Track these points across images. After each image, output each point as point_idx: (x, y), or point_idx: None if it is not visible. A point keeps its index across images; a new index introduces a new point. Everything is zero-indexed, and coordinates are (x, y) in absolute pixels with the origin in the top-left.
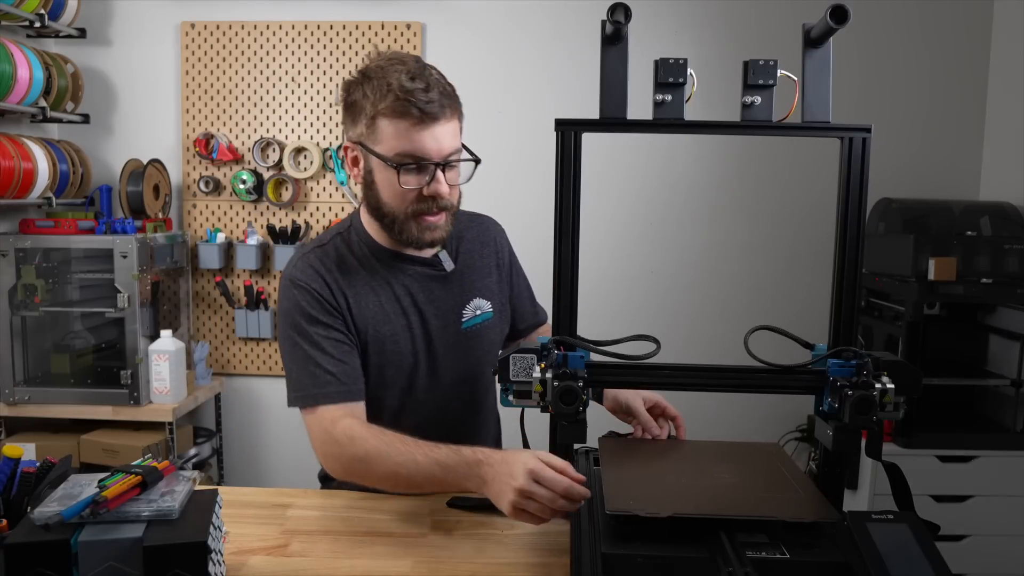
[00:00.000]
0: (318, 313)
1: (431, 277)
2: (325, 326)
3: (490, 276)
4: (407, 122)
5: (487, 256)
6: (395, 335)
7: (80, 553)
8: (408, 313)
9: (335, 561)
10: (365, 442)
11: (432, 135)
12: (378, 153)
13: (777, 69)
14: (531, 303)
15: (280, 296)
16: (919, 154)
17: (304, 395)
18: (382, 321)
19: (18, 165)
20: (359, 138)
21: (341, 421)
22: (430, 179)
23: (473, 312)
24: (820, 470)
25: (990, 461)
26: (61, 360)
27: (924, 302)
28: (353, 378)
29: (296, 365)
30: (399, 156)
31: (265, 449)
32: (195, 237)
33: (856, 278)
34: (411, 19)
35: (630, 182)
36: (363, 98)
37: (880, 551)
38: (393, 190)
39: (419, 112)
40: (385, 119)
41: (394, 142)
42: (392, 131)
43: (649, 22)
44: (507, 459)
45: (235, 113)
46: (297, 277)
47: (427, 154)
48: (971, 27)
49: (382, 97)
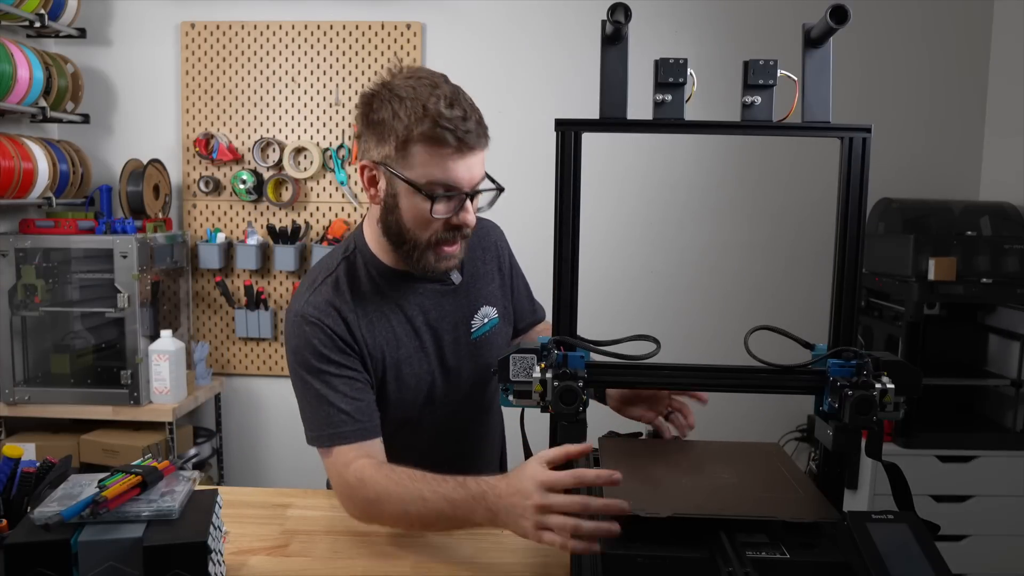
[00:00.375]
0: (331, 351)
1: (440, 293)
2: (338, 364)
3: (494, 282)
4: (444, 151)
5: (489, 262)
6: (410, 357)
7: (80, 553)
8: (421, 333)
9: (335, 561)
10: (375, 484)
11: (466, 165)
12: (408, 179)
13: (777, 69)
14: (530, 301)
15: (290, 332)
16: (919, 154)
17: (319, 435)
18: (396, 346)
19: (18, 165)
20: (384, 159)
21: (354, 463)
22: (458, 208)
23: (481, 321)
24: (820, 470)
25: (990, 461)
26: (61, 360)
27: (924, 302)
28: (368, 415)
29: (309, 405)
30: (431, 184)
31: (265, 449)
32: (195, 237)
33: (856, 278)
34: (411, 19)
35: (630, 182)
36: (393, 118)
37: (880, 551)
38: (420, 217)
39: (457, 141)
40: (420, 145)
41: (427, 169)
42: (426, 158)
43: (649, 22)
44: (511, 482)
45: (235, 113)
46: (309, 313)
47: (460, 183)
48: (971, 27)
49: (418, 121)
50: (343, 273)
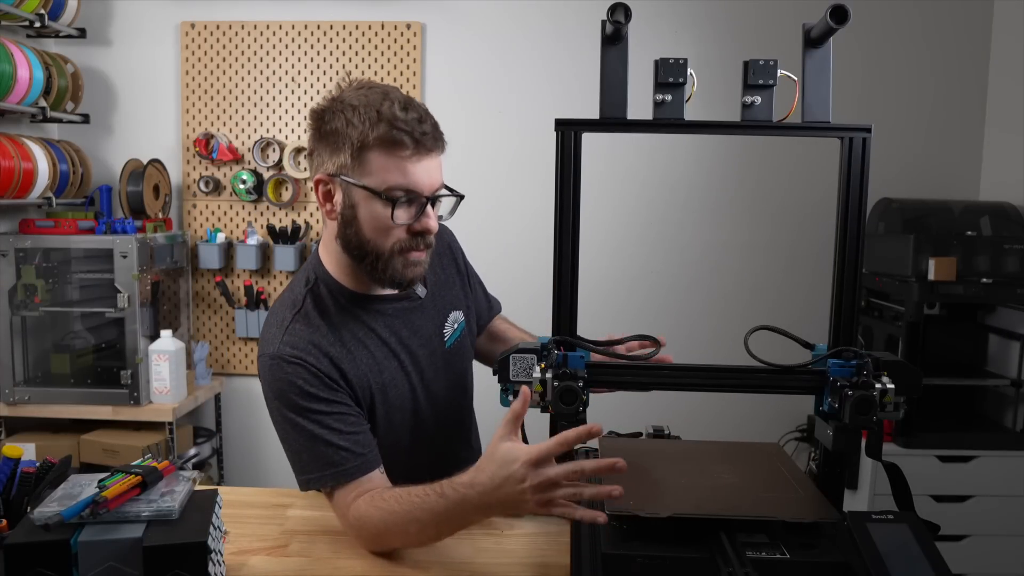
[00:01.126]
0: (318, 389)
1: (409, 310)
2: (327, 401)
3: (455, 285)
4: (402, 153)
5: (447, 266)
6: (394, 380)
7: (80, 553)
8: (398, 353)
9: (335, 561)
10: (371, 520)
11: (425, 168)
12: (366, 186)
13: (777, 69)
14: (486, 298)
15: (269, 376)
16: (919, 154)
17: (321, 476)
18: (379, 371)
19: (18, 165)
20: (339, 170)
21: (352, 505)
22: (419, 214)
23: (452, 327)
24: (820, 470)
25: (990, 461)
26: (61, 360)
27: (924, 302)
28: (368, 446)
29: (304, 447)
30: (391, 190)
31: (265, 449)
32: (195, 237)
33: (856, 278)
34: (411, 19)
35: (630, 182)
36: (347, 127)
37: (880, 551)
38: (380, 225)
39: (414, 144)
40: (376, 150)
41: (385, 175)
42: (384, 163)
43: (649, 22)
44: (492, 473)
45: (235, 113)
46: (286, 353)
47: (419, 188)
48: (971, 27)
49: (373, 126)
50: (311, 307)
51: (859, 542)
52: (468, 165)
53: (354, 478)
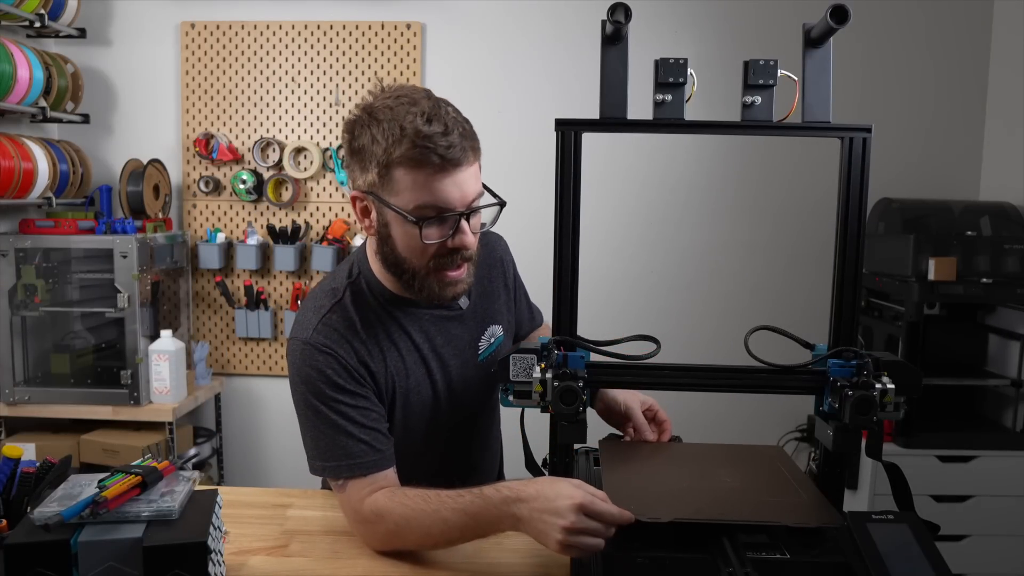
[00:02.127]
0: (345, 381)
1: (447, 319)
2: (352, 394)
3: (500, 299)
4: (427, 171)
5: (496, 279)
6: (418, 385)
7: (80, 553)
8: (428, 360)
9: (335, 561)
10: (392, 514)
11: (455, 183)
12: (394, 206)
13: (777, 69)
14: (529, 309)
15: (298, 360)
16: (919, 154)
17: (336, 465)
18: (406, 375)
19: (18, 165)
20: (370, 187)
21: (368, 499)
22: (454, 230)
23: (488, 341)
24: (820, 470)
25: (990, 461)
26: (61, 360)
27: (924, 302)
28: (385, 444)
29: (323, 434)
30: (419, 208)
31: (265, 449)
32: (195, 237)
33: (856, 278)
34: (411, 19)
35: (630, 182)
36: (372, 143)
37: (880, 551)
38: (413, 244)
39: (440, 159)
40: (401, 168)
41: (413, 193)
42: (410, 181)
43: (649, 22)
44: (543, 493)
45: (235, 113)
46: (320, 342)
47: (450, 204)
48: (971, 27)
49: (396, 143)
50: (350, 301)
51: (859, 542)
52: None
53: (368, 473)
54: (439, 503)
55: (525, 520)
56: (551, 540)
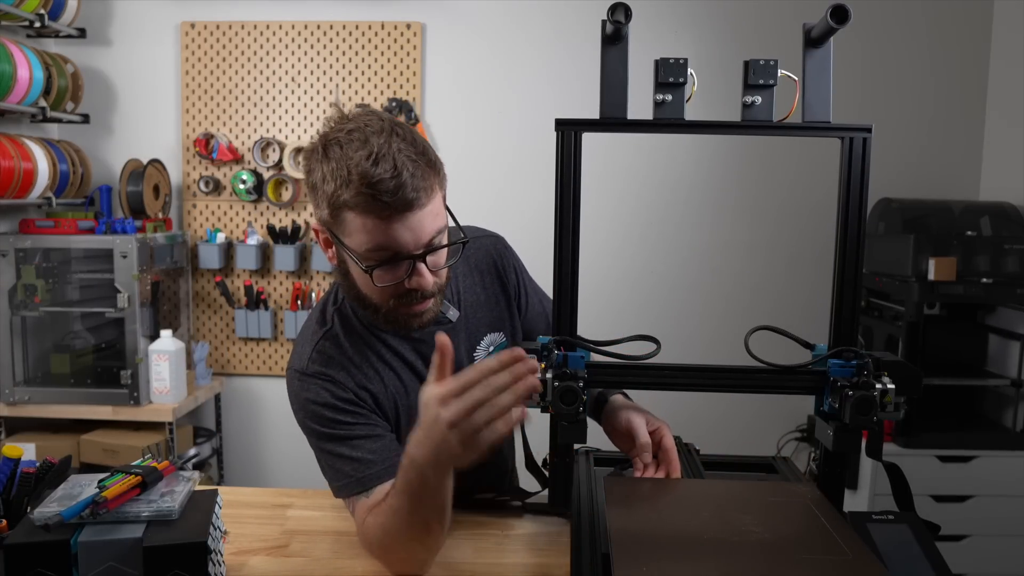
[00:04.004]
0: (343, 403)
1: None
2: (353, 414)
3: (498, 305)
4: (374, 216)
5: (489, 285)
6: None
7: (80, 553)
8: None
9: (335, 561)
10: (373, 529)
11: (406, 227)
12: (347, 246)
13: (777, 69)
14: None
15: (297, 389)
16: (919, 154)
17: (339, 487)
18: (405, 394)
19: (18, 165)
20: (325, 224)
21: (366, 519)
22: (410, 272)
23: (486, 351)
24: (820, 470)
25: (990, 461)
26: (61, 360)
27: (924, 302)
28: (394, 450)
29: (329, 458)
30: (371, 252)
31: (265, 449)
32: (195, 237)
33: (856, 278)
34: (411, 19)
35: (630, 182)
36: (323, 182)
37: (880, 551)
38: (369, 286)
39: (386, 206)
40: (351, 212)
41: (364, 236)
42: (359, 224)
43: (649, 22)
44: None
45: (235, 113)
46: (315, 370)
47: (403, 247)
48: (971, 27)
49: (343, 185)
50: (340, 328)
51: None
52: (468, 165)
53: (368, 487)
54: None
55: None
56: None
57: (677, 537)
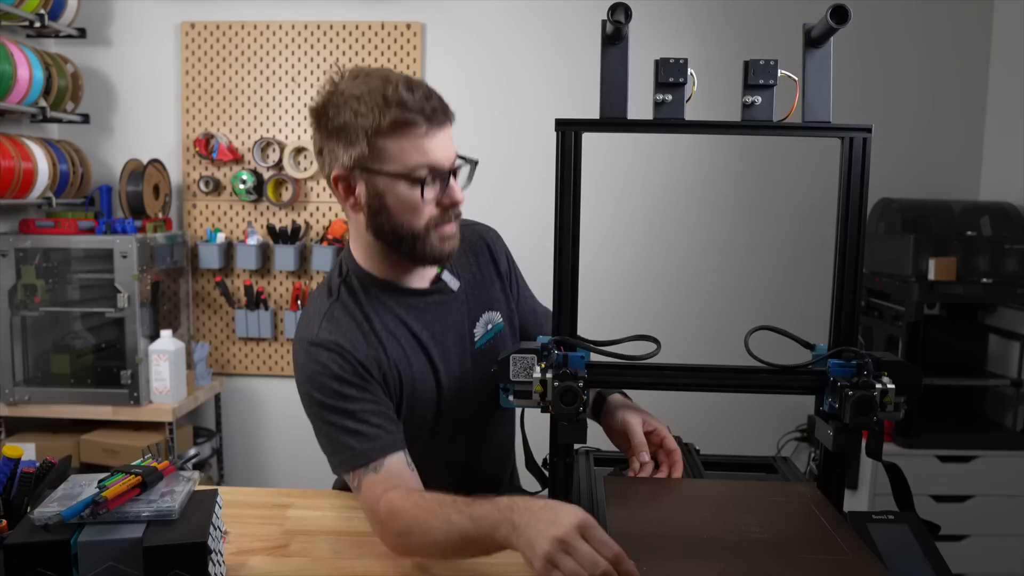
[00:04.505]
0: (350, 375)
1: (440, 304)
2: (358, 387)
3: (493, 285)
4: (416, 134)
5: (484, 265)
6: (423, 374)
7: (80, 553)
8: (428, 348)
9: (335, 561)
10: (405, 515)
11: (439, 143)
12: (390, 171)
13: (777, 69)
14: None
15: (303, 359)
16: (919, 154)
17: (343, 459)
18: (408, 364)
19: (18, 165)
20: (357, 162)
21: (384, 496)
22: (444, 188)
23: (485, 327)
24: (820, 470)
25: (990, 461)
26: (61, 360)
27: (924, 302)
28: (393, 428)
29: (333, 430)
30: (415, 168)
31: (265, 449)
32: (195, 237)
33: (856, 278)
34: (411, 19)
35: (630, 182)
36: (356, 117)
37: (880, 551)
38: (410, 207)
39: (427, 121)
40: (390, 136)
41: (406, 157)
42: (401, 146)
43: (649, 22)
44: (551, 505)
45: (235, 113)
46: (325, 339)
47: (440, 163)
48: (971, 27)
49: (383, 112)
50: (347, 296)
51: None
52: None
53: (372, 459)
54: (452, 506)
55: (521, 528)
56: (538, 550)
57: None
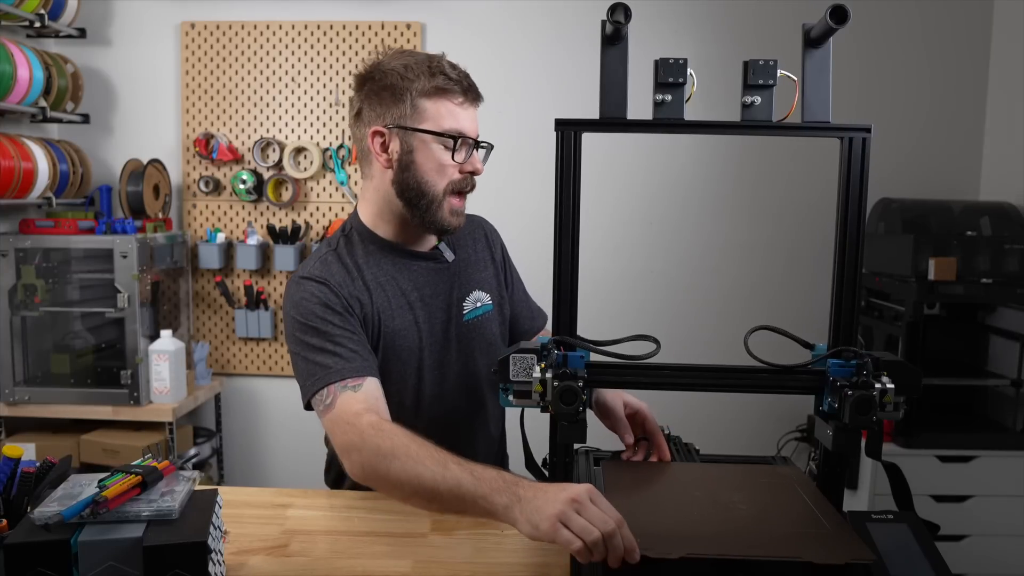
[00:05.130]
0: (336, 306)
1: (434, 270)
2: (341, 315)
3: (487, 269)
4: (454, 101)
5: (480, 250)
6: (404, 329)
7: (80, 553)
8: (414, 308)
9: (335, 561)
10: (394, 437)
11: (470, 116)
12: (427, 129)
13: (777, 69)
14: (527, 306)
15: (293, 289)
16: (919, 154)
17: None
18: (391, 316)
19: (18, 165)
20: (397, 120)
21: (365, 415)
22: (468, 156)
23: (474, 304)
24: (820, 470)
25: (990, 461)
26: (61, 360)
27: (924, 302)
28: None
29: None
30: (448, 131)
31: (265, 449)
32: (195, 237)
33: (856, 278)
34: (411, 19)
35: (630, 182)
36: (402, 80)
37: (880, 551)
38: (438, 166)
39: (464, 93)
40: (432, 99)
41: (442, 120)
42: (439, 110)
43: (649, 22)
44: (558, 484)
45: (235, 113)
46: (315, 274)
47: (469, 132)
48: (971, 27)
49: (429, 77)
50: (343, 247)
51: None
52: None
53: (349, 377)
54: (450, 456)
55: (527, 499)
56: (547, 512)
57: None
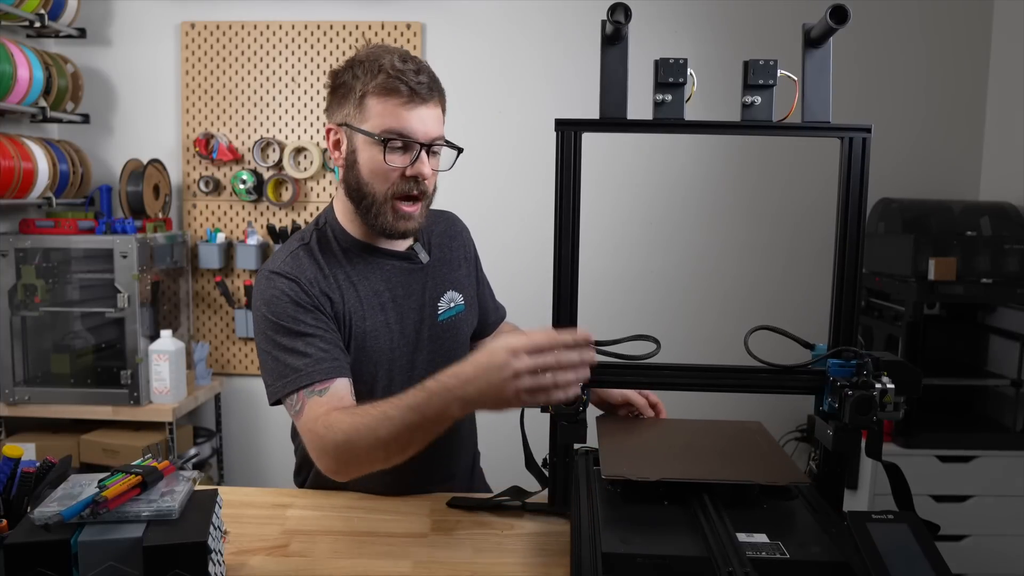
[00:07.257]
0: (306, 304)
1: (407, 271)
2: (314, 315)
3: (460, 269)
4: (396, 100)
5: (456, 249)
6: (375, 331)
7: (80, 553)
8: (387, 308)
9: (335, 561)
10: (341, 423)
11: (418, 116)
12: (364, 130)
13: (777, 69)
14: (493, 300)
15: (262, 287)
16: (919, 154)
17: (287, 382)
18: (363, 316)
19: (18, 165)
20: (345, 119)
21: (323, 416)
22: (414, 159)
23: (448, 304)
24: (820, 470)
25: (990, 461)
26: (61, 360)
27: (924, 302)
28: (340, 356)
29: (281, 352)
30: (386, 132)
31: (265, 449)
32: (195, 237)
33: (856, 278)
34: (411, 19)
35: (630, 182)
36: (352, 79)
37: (880, 551)
38: (376, 168)
39: (408, 90)
40: (374, 97)
41: (381, 119)
42: (380, 108)
43: (649, 22)
44: (478, 361)
45: (235, 113)
46: (285, 270)
47: (413, 133)
48: (971, 27)
49: (372, 76)
50: (315, 243)
51: (859, 542)
52: (468, 165)
53: (317, 382)
54: (386, 404)
55: (474, 397)
56: (507, 394)
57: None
